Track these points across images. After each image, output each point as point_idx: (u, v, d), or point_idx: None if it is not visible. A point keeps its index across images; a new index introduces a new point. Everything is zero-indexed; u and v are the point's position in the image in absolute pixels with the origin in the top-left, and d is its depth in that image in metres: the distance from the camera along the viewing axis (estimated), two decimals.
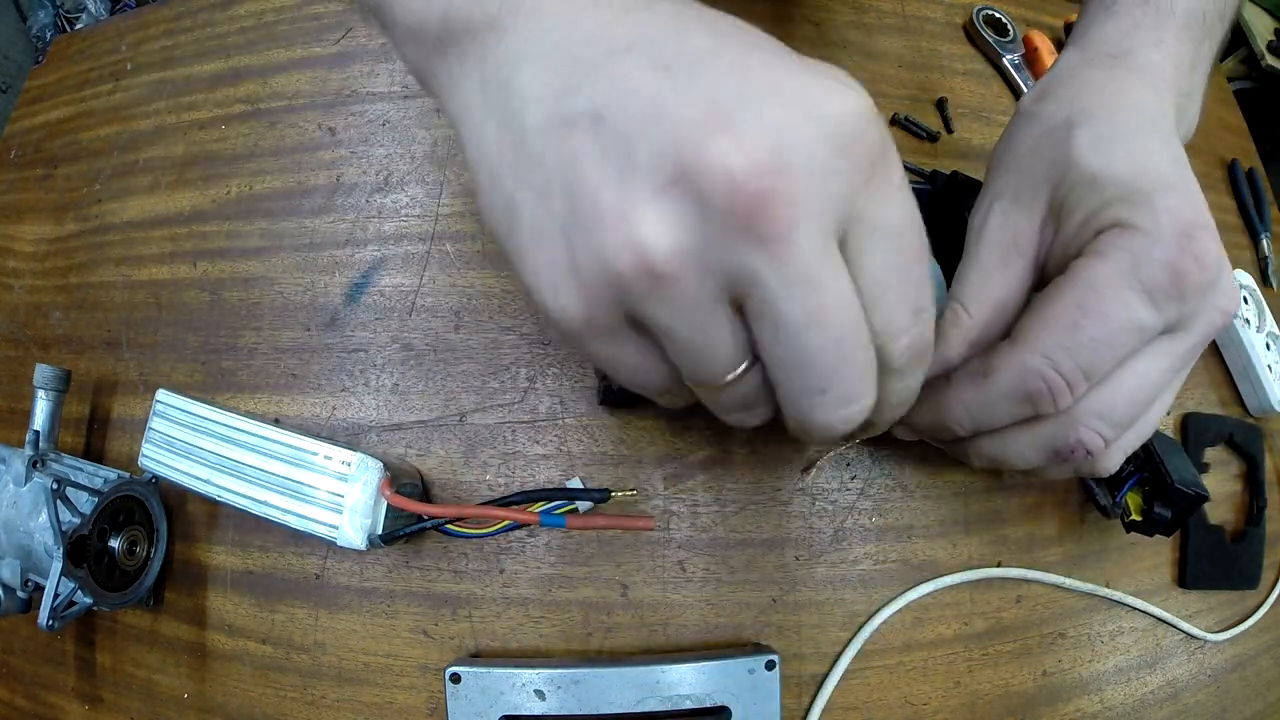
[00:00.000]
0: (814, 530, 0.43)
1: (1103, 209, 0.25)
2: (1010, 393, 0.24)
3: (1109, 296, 0.23)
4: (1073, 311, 0.23)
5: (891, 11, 0.57)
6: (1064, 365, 0.23)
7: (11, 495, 0.39)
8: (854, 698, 0.41)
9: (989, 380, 0.25)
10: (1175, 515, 0.38)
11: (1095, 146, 0.26)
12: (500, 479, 0.42)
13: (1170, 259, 0.23)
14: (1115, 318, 0.23)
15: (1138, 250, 0.23)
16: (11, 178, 0.58)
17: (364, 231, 0.47)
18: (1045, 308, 0.24)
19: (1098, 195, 0.25)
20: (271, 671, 0.41)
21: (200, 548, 0.44)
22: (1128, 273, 0.23)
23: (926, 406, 0.27)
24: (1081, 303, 0.23)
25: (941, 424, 0.27)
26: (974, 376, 0.26)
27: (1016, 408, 0.25)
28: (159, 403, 0.40)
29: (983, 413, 0.26)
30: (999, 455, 0.27)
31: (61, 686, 0.44)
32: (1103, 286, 0.23)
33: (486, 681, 0.37)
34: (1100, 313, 0.23)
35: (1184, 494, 0.37)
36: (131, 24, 0.59)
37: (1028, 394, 0.24)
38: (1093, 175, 0.25)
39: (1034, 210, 0.27)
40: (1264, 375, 0.51)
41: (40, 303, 0.52)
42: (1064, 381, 0.23)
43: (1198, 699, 0.46)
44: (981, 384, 0.25)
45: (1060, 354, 0.23)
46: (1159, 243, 0.23)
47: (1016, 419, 0.25)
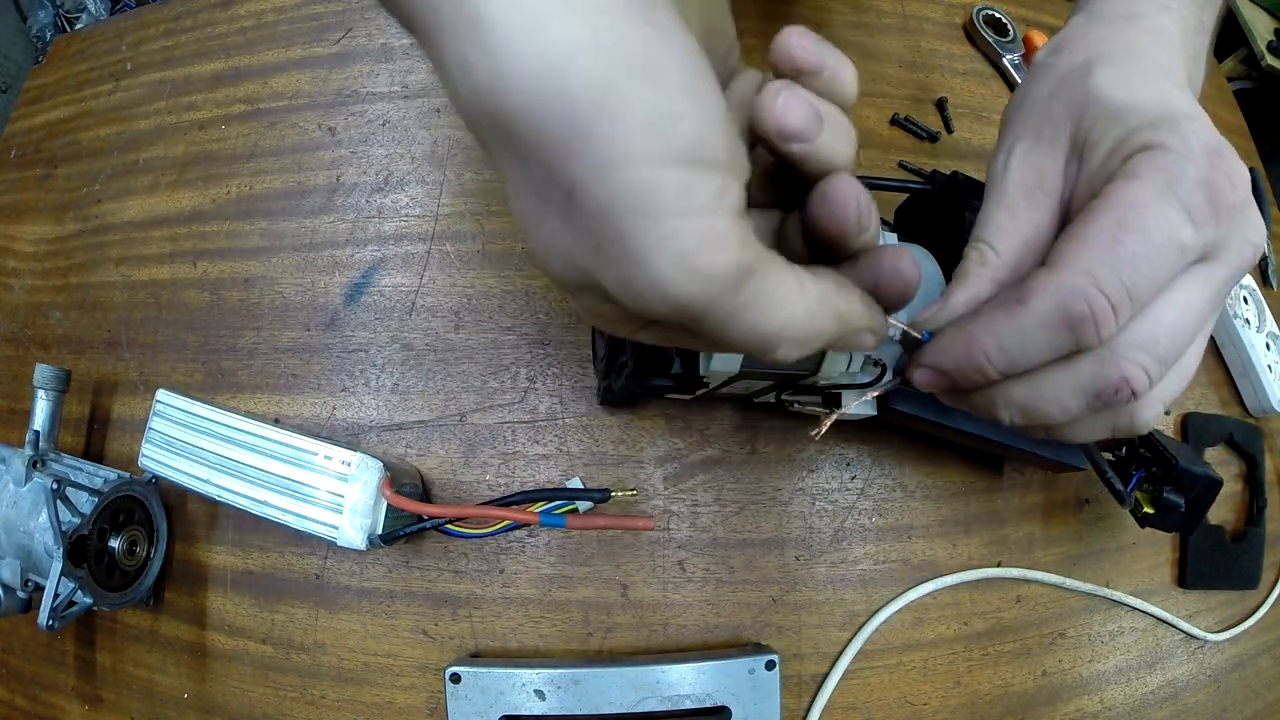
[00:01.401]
0: (814, 530, 0.43)
1: (1129, 136, 0.24)
2: (1049, 319, 0.22)
3: (1149, 213, 0.22)
4: (1113, 228, 0.22)
5: (891, 11, 0.57)
6: (1107, 283, 0.22)
7: (11, 495, 0.39)
8: (854, 698, 0.41)
9: (1024, 306, 0.23)
10: (1189, 504, 0.37)
11: (1117, 81, 0.26)
12: (500, 479, 0.42)
13: (1204, 176, 0.22)
14: (1157, 233, 0.22)
15: (1171, 168, 0.22)
16: (11, 178, 0.58)
17: (364, 231, 0.47)
18: (1082, 229, 0.23)
19: (1122, 125, 0.25)
20: (271, 671, 0.41)
21: (200, 548, 0.44)
22: (1165, 189, 0.22)
23: (954, 341, 0.25)
24: (1121, 219, 0.22)
25: (971, 362, 0.24)
26: (1007, 305, 0.23)
27: (1056, 337, 0.23)
28: (159, 403, 0.40)
29: (1017, 345, 0.23)
30: (1034, 402, 0.25)
31: (61, 686, 0.44)
32: (1141, 203, 0.22)
33: (486, 681, 0.37)
34: (1141, 228, 0.22)
35: (1193, 475, 0.37)
36: (131, 24, 0.60)
37: (1069, 319, 0.22)
38: (1117, 107, 0.25)
39: (1057, 148, 0.27)
40: (1264, 375, 0.51)
41: (40, 303, 0.52)
42: (1107, 302, 0.22)
43: (1198, 699, 0.46)
44: (1016, 311, 0.23)
45: (1103, 271, 0.22)
46: (1191, 160, 0.23)
47: (1055, 353, 0.23)
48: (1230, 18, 1.36)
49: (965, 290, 0.26)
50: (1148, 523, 0.39)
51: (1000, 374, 0.24)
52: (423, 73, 0.51)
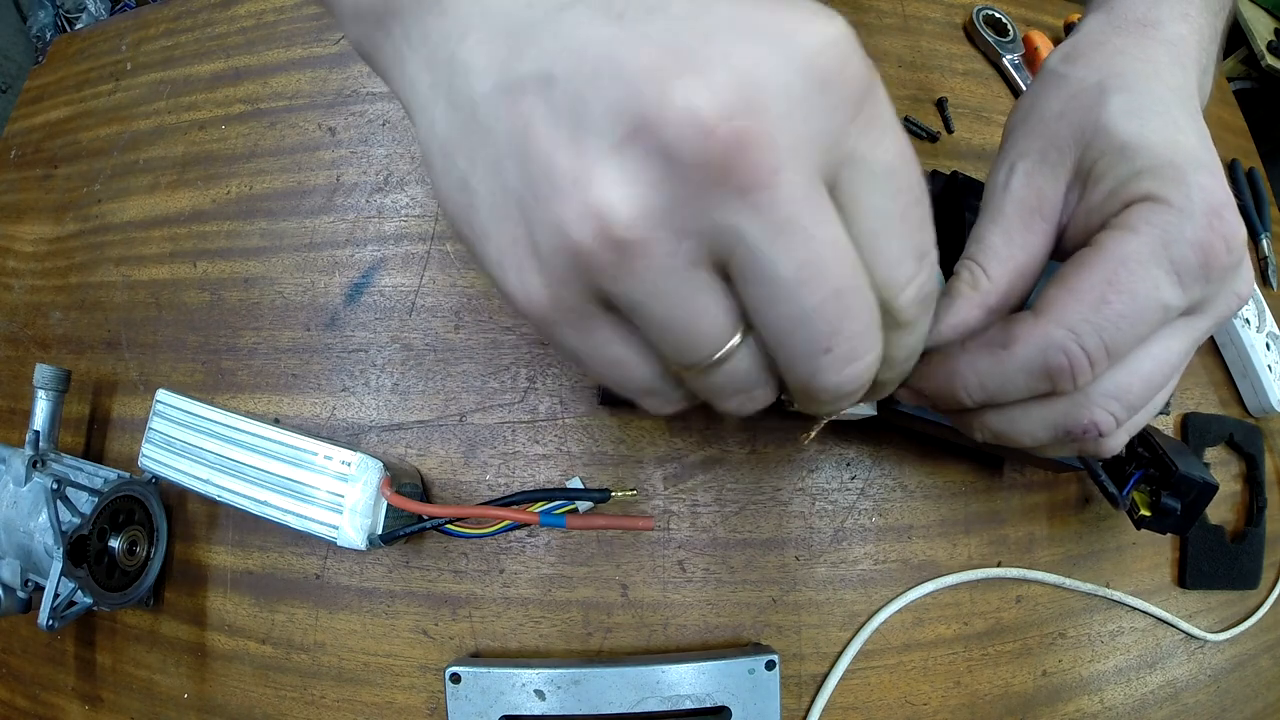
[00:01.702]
0: (814, 530, 0.43)
1: (1133, 179, 0.24)
2: (1029, 366, 0.23)
3: (1139, 273, 0.22)
4: (1101, 286, 0.22)
5: (891, 11, 0.57)
6: (1088, 341, 0.22)
7: (11, 495, 0.39)
8: (854, 698, 0.41)
9: (1008, 351, 0.23)
10: (1185, 508, 0.37)
11: (1129, 114, 0.25)
12: (500, 479, 0.42)
13: (1201, 239, 0.22)
14: (1143, 295, 0.22)
15: (1169, 228, 0.23)
16: (11, 178, 0.58)
17: (364, 231, 0.47)
18: (1072, 279, 0.23)
19: (1128, 164, 0.24)
20: (271, 671, 0.41)
21: (200, 548, 0.44)
22: (1159, 250, 0.22)
23: (937, 371, 0.26)
24: (1111, 278, 0.22)
25: (951, 392, 0.25)
26: (991, 346, 0.24)
27: (1033, 382, 0.23)
28: (159, 403, 0.40)
29: (997, 384, 0.24)
30: (1006, 431, 0.26)
31: (61, 686, 0.44)
32: (1133, 262, 0.22)
33: (486, 681, 0.37)
34: (1130, 289, 0.22)
35: (1191, 481, 0.37)
36: (131, 24, 0.60)
37: (1048, 369, 0.23)
38: (1124, 143, 0.25)
39: (1060, 173, 0.27)
40: (1264, 375, 0.51)
41: (40, 303, 0.52)
42: (1087, 359, 0.22)
43: (1198, 699, 0.46)
44: (999, 355, 0.24)
45: (1086, 329, 0.22)
46: (1190, 221, 0.22)
47: (1031, 394, 0.24)
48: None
49: (955, 315, 0.26)
50: (1143, 525, 0.39)
51: (978, 405, 0.25)
52: None
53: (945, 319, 0.26)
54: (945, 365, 0.25)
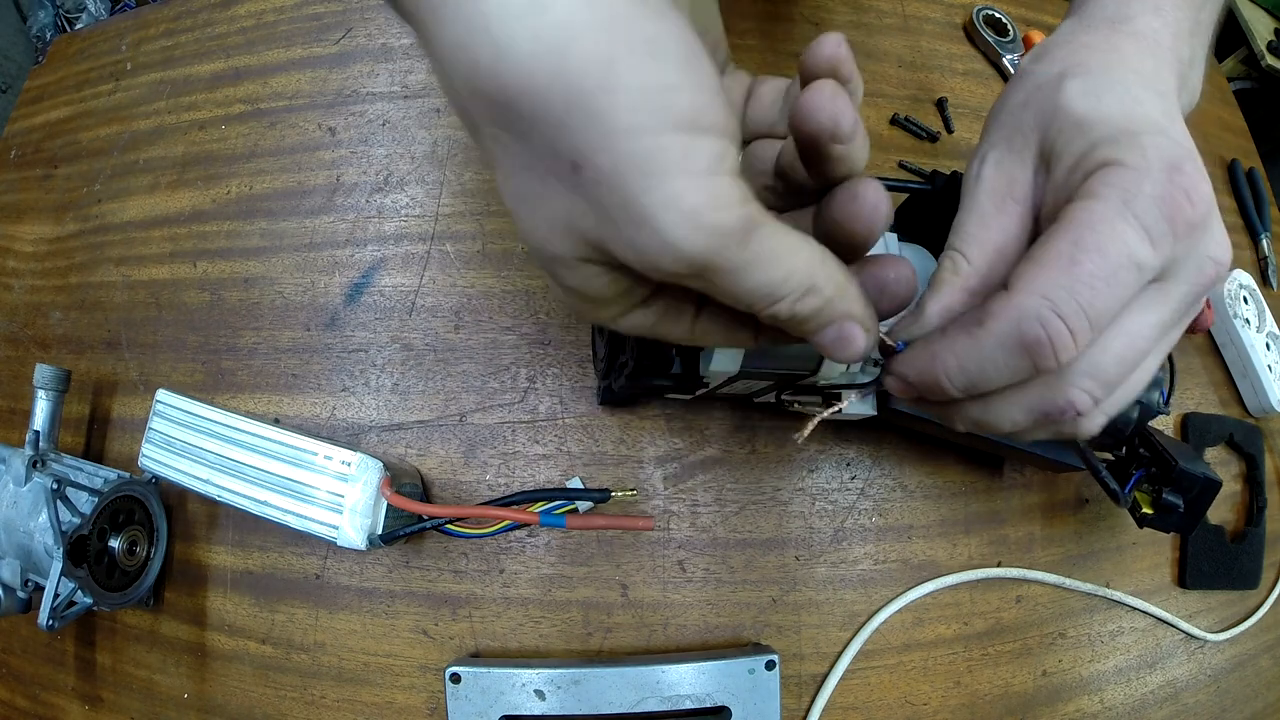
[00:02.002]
0: (814, 530, 0.43)
1: (1091, 151, 0.24)
2: (1006, 341, 0.23)
3: (1104, 232, 0.22)
4: (1069, 250, 0.22)
5: (891, 11, 0.57)
6: (1064, 307, 0.22)
7: (11, 495, 0.39)
8: (854, 698, 0.41)
9: (983, 328, 0.23)
10: (1189, 504, 0.37)
11: (1084, 93, 0.26)
12: (500, 479, 0.42)
13: (1160, 193, 0.22)
14: (1114, 253, 0.22)
15: (1128, 185, 0.23)
16: (11, 178, 0.58)
17: (364, 231, 0.47)
18: (1039, 251, 0.23)
19: (1084, 138, 0.25)
20: (271, 671, 0.41)
21: (200, 548, 0.44)
22: (1121, 207, 0.22)
23: (919, 355, 0.25)
24: (1078, 240, 0.22)
25: (933, 378, 0.25)
26: (967, 326, 0.24)
27: (1012, 359, 0.23)
28: (159, 403, 0.40)
29: (976, 365, 0.24)
30: (986, 418, 0.26)
31: (61, 686, 0.44)
32: (1098, 222, 0.22)
33: (486, 681, 0.37)
34: (1097, 248, 0.22)
35: (1193, 477, 0.37)
36: (131, 24, 0.60)
37: (1024, 343, 0.22)
38: (1079, 118, 0.25)
39: (1025, 157, 0.27)
40: (1264, 375, 0.51)
41: (40, 303, 0.52)
42: (1065, 326, 0.22)
43: (1198, 699, 0.46)
44: (975, 333, 0.23)
45: (1059, 294, 0.22)
46: (1148, 177, 0.23)
47: (1014, 376, 0.24)
48: (1230, 18, 1.36)
49: (938, 300, 0.26)
50: (1146, 523, 0.39)
51: (960, 392, 0.25)
52: (422, 73, 0.51)
53: (929, 305, 0.26)
54: (926, 350, 0.25)
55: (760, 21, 0.53)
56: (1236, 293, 0.53)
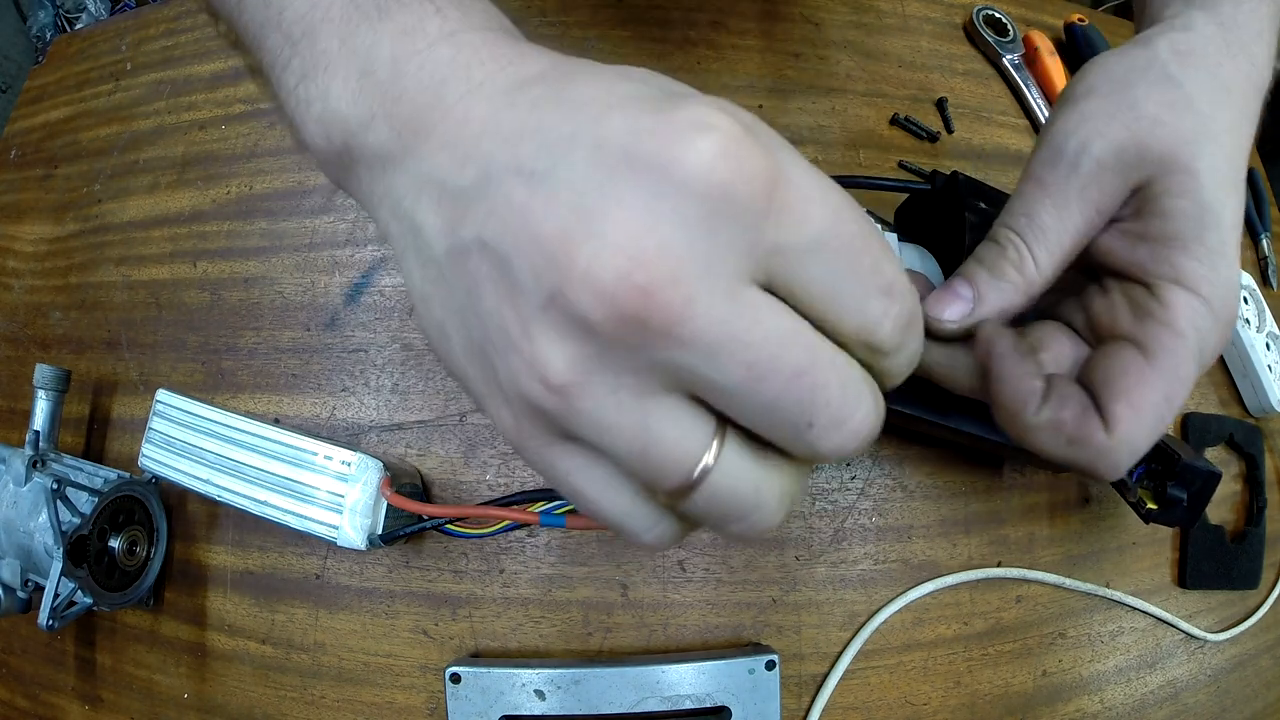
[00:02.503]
0: (814, 530, 0.43)
1: (1193, 251, 0.25)
2: (1079, 467, 0.25)
3: (1185, 381, 0.24)
4: (1162, 406, 0.24)
5: (891, 11, 0.57)
6: (1140, 452, 0.24)
7: (11, 495, 0.39)
8: (854, 698, 0.41)
9: (1068, 436, 0.24)
10: (1192, 497, 0.37)
11: (1218, 177, 0.25)
12: (500, 479, 0.42)
13: (1218, 345, 0.25)
14: (1179, 400, 0.24)
15: (1205, 334, 0.25)
16: (11, 178, 0.58)
17: (364, 231, 0.47)
18: (1136, 394, 0.24)
19: (1197, 228, 0.25)
20: (271, 671, 0.41)
21: (200, 548, 0.44)
22: (1197, 353, 0.25)
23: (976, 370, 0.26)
24: (1169, 395, 0.24)
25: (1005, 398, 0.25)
26: (1055, 425, 0.24)
27: (1066, 453, 0.25)
28: (159, 403, 0.40)
29: (1033, 437, 0.25)
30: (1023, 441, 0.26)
31: (61, 686, 0.44)
32: (1182, 370, 0.24)
33: (486, 681, 0.37)
34: (1178, 400, 0.24)
35: (1195, 469, 0.37)
36: (131, 24, 0.59)
37: (1092, 468, 0.24)
38: (1206, 204, 0.25)
39: (1131, 175, 0.26)
40: (1264, 375, 0.51)
41: (40, 303, 0.52)
42: (1124, 470, 0.25)
43: (1198, 699, 0.46)
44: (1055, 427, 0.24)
45: (1145, 444, 0.24)
46: (1217, 327, 0.25)
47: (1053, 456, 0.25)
48: None
49: (998, 299, 0.26)
50: (1151, 518, 0.39)
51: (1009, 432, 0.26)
52: None
53: (987, 299, 0.26)
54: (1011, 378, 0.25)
55: (760, 21, 0.53)
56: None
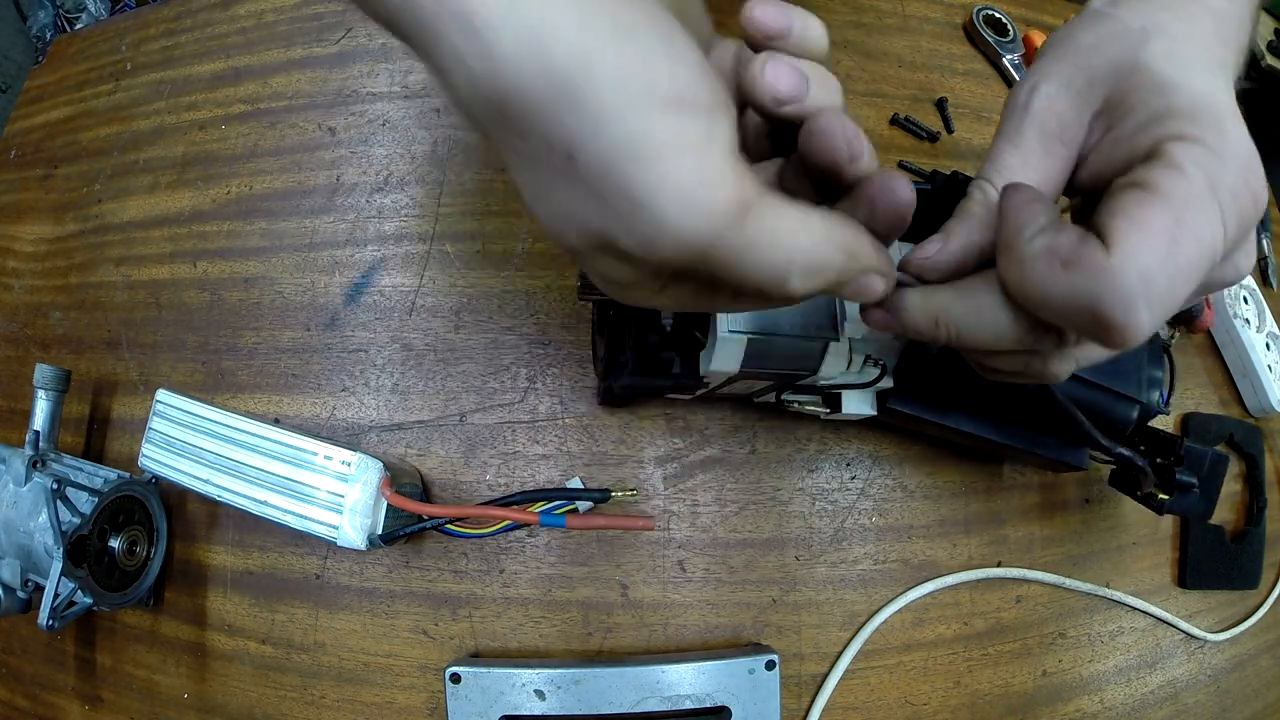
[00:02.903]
0: (814, 530, 0.43)
1: (1170, 116, 0.24)
2: (1077, 302, 0.21)
3: (1202, 215, 0.21)
4: (1171, 227, 0.21)
5: (891, 11, 0.57)
6: (1155, 293, 0.20)
7: (11, 495, 0.39)
8: (854, 698, 0.41)
9: (1068, 272, 0.21)
10: (1203, 483, 0.37)
11: (1169, 56, 0.25)
12: (500, 479, 0.42)
13: (1237, 187, 0.22)
14: (1206, 240, 0.21)
15: (1213, 169, 0.22)
16: (11, 178, 0.58)
17: (364, 231, 0.47)
18: (1137, 212, 0.21)
19: (1165, 100, 0.24)
20: (271, 671, 0.41)
21: (200, 548, 0.44)
22: (1209, 191, 0.22)
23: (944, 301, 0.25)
24: (1179, 218, 0.21)
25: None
26: (1050, 258, 0.21)
27: (1065, 284, 0.21)
28: (159, 403, 0.40)
29: (1030, 271, 0.22)
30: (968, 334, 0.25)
31: (61, 686, 0.44)
32: (1195, 202, 0.21)
33: (486, 681, 0.37)
34: (1195, 232, 0.21)
35: (1200, 452, 0.37)
36: (131, 24, 0.60)
37: (1098, 318, 0.21)
38: (1163, 80, 0.24)
39: (1087, 101, 0.26)
40: (1264, 375, 0.51)
41: (40, 303, 0.52)
42: (1147, 318, 0.20)
43: (1198, 699, 0.46)
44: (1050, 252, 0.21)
45: (1159, 280, 0.20)
46: (1228, 166, 0.22)
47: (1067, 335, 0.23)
48: None
49: (965, 233, 0.25)
50: (1166, 508, 0.38)
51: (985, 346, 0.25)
52: (423, 73, 0.51)
53: (955, 235, 0.26)
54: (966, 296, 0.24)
55: None
56: (1236, 293, 0.53)
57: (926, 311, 0.25)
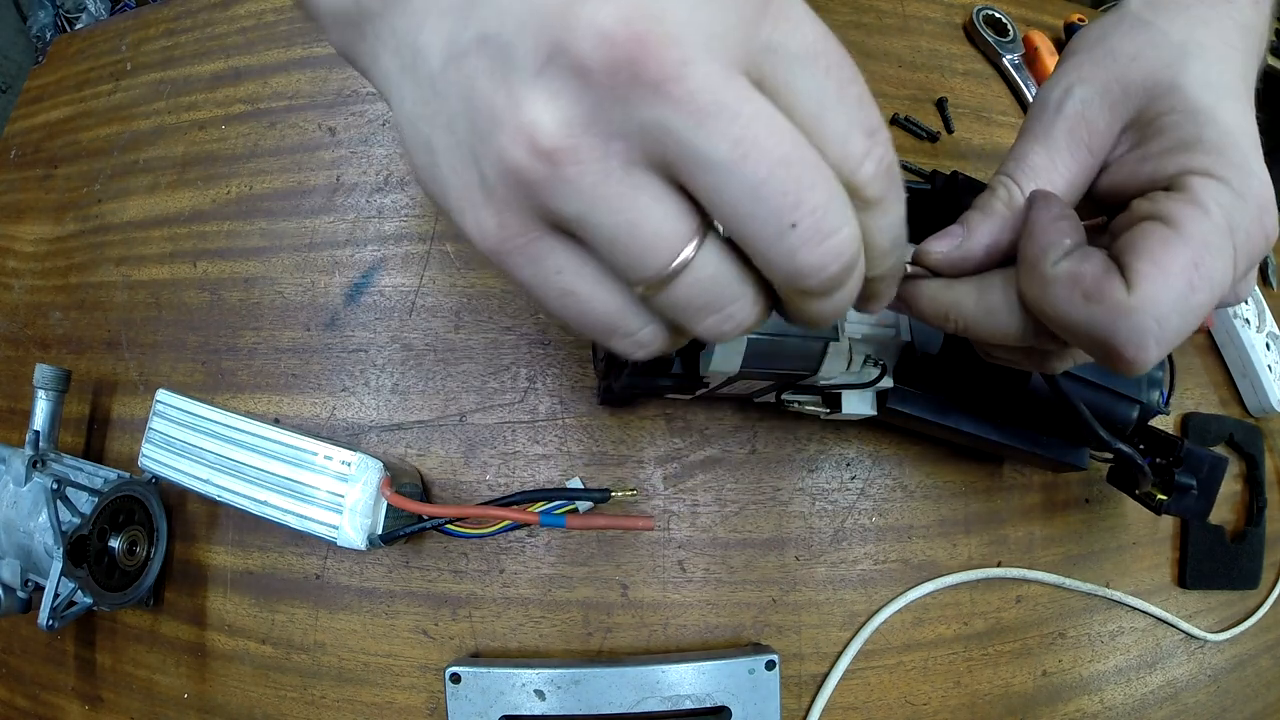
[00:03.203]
0: (814, 530, 0.43)
1: (1198, 147, 0.24)
2: (1091, 332, 0.22)
3: (1218, 258, 0.22)
4: (1189, 271, 0.21)
5: (891, 11, 0.57)
6: (1167, 333, 0.21)
7: (11, 495, 0.39)
8: (854, 698, 0.41)
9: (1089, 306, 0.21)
10: (1201, 484, 0.37)
11: (1207, 85, 0.25)
12: (500, 479, 0.42)
13: (1253, 230, 0.23)
14: (1217, 283, 0.22)
15: (1233, 212, 0.22)
16: (11, 178, 0.58)
17: (364, 231, 0.47)
18: (1160, 254, 0.22)
19: (1197, 130, 0.24)
20: (271, 671, 0.41)
21: (200, 548, 0.44)
22: (1227, 231, 0.22)
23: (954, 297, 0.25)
24: (1198, 261, 0.21)
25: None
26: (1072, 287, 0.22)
27: (1083, 314, 0.22)
28: (159, 403, 0.40)
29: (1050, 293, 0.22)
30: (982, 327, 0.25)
31: (61, 686, 0.44)
32: (1214, 245, 0.22)
33: (486, 681, 0.37)
34: (1209, 275, 0.21)
35: (1200, 454, 0.37)
36: (131, 24, 0.60)
37: (1108, 347, 0.22)
38: (1198, 109, 0.25)
39: (1119, 113, 0.26)
40: (1264, 375, 0.51)
41: (40, 303, 0.52)
42: (1154, 354, 0.21)
43: (1198, 699, 0.46)
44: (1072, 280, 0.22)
45: (1171, 320, 0.21)
46: (1248, 210, 0.23)
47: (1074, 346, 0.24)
48: None
49: (987, 231, 0.25)
50: (1164, 510, 0.38)
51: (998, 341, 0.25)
52: None
53: (976, 233, 0.26)
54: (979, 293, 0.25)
55: None
56: None
57: (938, 304, 0.25)
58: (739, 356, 0.30)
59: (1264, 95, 0.31)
